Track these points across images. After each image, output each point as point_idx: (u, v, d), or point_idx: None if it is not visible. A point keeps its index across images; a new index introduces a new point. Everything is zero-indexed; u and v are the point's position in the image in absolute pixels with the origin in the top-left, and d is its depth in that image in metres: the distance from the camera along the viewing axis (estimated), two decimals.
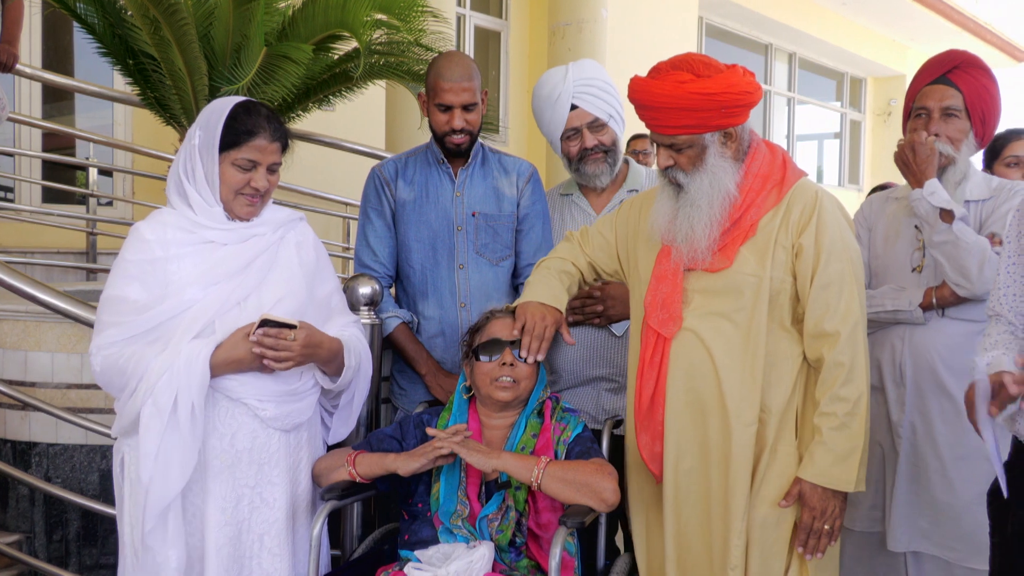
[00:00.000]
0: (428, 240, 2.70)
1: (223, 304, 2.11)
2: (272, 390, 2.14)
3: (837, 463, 2.04)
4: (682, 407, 2.16)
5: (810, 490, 2.07)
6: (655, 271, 2.23)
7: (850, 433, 2.05)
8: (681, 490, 2.18)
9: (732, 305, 2.13)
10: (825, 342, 2.07)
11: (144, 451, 2.03)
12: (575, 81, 2.64)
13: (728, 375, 2.12)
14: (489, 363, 2.27)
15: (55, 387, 3.05)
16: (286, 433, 2.20)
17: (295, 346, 2.07)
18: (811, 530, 2.08)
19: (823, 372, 2.08)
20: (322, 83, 4.26)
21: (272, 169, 2.20)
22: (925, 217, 2.41)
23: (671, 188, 2.18)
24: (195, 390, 2.03)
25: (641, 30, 9.00)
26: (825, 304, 2.08)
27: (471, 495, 2.21)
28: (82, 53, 6.53)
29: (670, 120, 2.11)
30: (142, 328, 2.08)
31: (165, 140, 5.28)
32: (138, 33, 3.63)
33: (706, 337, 2.14)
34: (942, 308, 2.45)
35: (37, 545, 3.05)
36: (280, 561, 2.17)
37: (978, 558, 2.39)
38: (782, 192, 2.16)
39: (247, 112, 2.17)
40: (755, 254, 2.13)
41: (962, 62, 2.52)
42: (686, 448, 2.17)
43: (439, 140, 2.68)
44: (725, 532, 2.12)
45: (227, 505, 2.12)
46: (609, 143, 2.67)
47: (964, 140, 2.49)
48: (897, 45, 14.48)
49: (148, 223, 2.18)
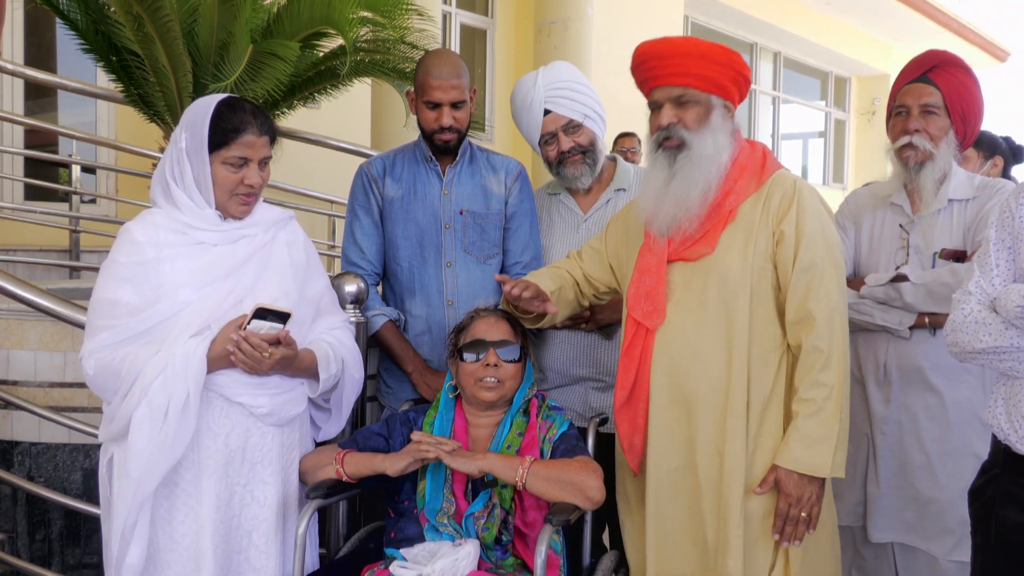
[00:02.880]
0: (416, 238, 2.69)
1: (219, 305, 2.10)
2: (263, 381, 2.13)
3: (811, 448, 2.04)
4: (666, 402, 2.17)
5: (785, 476, 2.07)
6: (638, 264, 2.24)
7: (825, 418, 2.04)
8: (663, 488, 2.18)
9: (716, 295, 2.14)
10: (804, 326, 2.08)
11: (136, 449, 2.01)
12: (546, 86, 2.63)
13: (715, 366, 2.12)
14: (473, 363, 2.26)
15: (37, 386, 3.03)
16: (280, 431, 2.20)
17: (266, 364, 2.07)
18: (787, 517, 2.07)
19: (801, 358, 2.09)
20: (307, 80, 4.25)
21: (263, 164, 2.19)
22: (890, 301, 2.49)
23: (665, 156, 2.17)
24: (192, 386, 2.02)
25: (627, 28, 9.01)
26: (806, 286, 2.09)
27: (457, 493, 2.21)
28: (65, 49, 6.49)
29: (684, 66, 2.12)
30: (135, 331, 2.06)
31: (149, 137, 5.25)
32: (121, 30, 3.61)
33: (690, 330, 2.15)
34: (934, 328, 2.47)
35: (20, 545, 3.03)
36: (268, 558, 2.16)
37: (962, 551, 2.42)
38: (761, 180, 2.18)
39: (232, 109, 2.14)
40: (737, 240, 2.14)
41: (941, 61, 2.55)
42: (670, 446, 2.17)
43: (427, 138, 2.68)
44: (720, 525, 2.12)
45: (220, 503, 2.11)
46: (586, 143, 2.66)
47: (944, 138, 2.51)
48: (881, 45, 14.56)
49: (139, 224, 2.15)
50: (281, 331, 2.07)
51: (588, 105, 2.66)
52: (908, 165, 2.52)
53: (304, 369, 2.19)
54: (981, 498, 1.85)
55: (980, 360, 1.76)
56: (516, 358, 2.29)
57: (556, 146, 2.65)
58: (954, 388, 2.46)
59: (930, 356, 2.47)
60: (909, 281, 2.44)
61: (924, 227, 2.53)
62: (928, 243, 2.52)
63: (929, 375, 2.48)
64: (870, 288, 2.50)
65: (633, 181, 2.76)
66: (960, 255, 2.45)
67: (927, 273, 2.45)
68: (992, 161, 3.73)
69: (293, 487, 2.26)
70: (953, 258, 2.46)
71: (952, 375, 2.46)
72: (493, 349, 2.26)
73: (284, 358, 2.09)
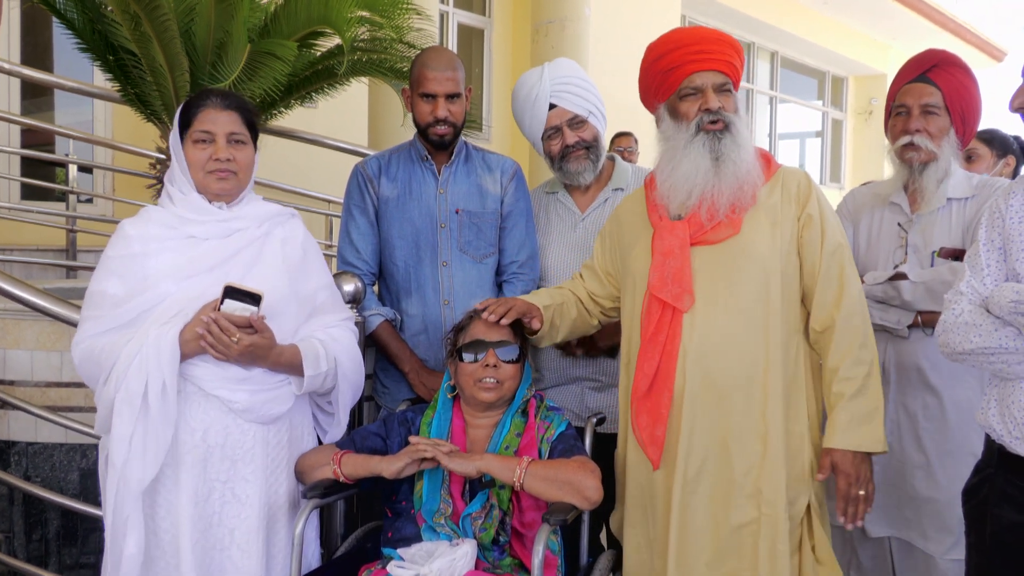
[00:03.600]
0: (411, 237, 2.69)
1: (198, 297, 2.11)
2: (245, 376, 2.12)
3: (863, 425, 2.07)
4: (698, 389, 2.13)
5: (841, 457, 2.08)
6: (656, 246, 2.20)
7: (871, 394, 2.09)
8: (689, 482, 2.13)
9: (749, 276, 2.13)
10: (837, 307, 2.11)
11: (117, 435, 2.03)
12: (552, 80, 2.64)
13: (751, 349, 2.11)
14: (472, 364, 2.26)
15: (34, 385, 3.02)
16: (264, 429, 2.17)
17: (234, 349, 2.05)
18: (849, 497, 2.09)
19: (837, 337, 2.10)
20: (305, 80, 4.24)
21: (234, 140, 2.20)
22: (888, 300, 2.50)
23: (709, 139, 2.16)
24: (165, 369, 2.03)
25: (624, 28, 9.01)
26: (839, 267, 2.13)
27: (454, 493, 2.21)
28: (61, 49, 6.48)
29: (725, 54, 2.18)
30: (118, 322, 2.10)
31: (146, 137, 5.24)
32: (118, 29, 3.60)
33: (721, 313, 2.13)
34: (932, 327, 2.47)
35: (16, 545, 3.03)
36: (249, 559, 2.14)
37: (960, 550, 2.41)
38: (771, 171, 2.22)
39: (199, 94, 2.25)
40: (762, 223, 2.16)
41: (941, 61, 2.55)
42: (703, 434, 2.12)
43: (423, 133, 2.67)
44: (764, 511, 2.09)
45: (199, 499, 2.11)
46: (590, 139, 2.66)
47: (945, 137, 2.51)
48: (878, 44, 14.57)
49: (133, 219, 2.21)
50: (252, 314, 2.05)
51: (592, 102, 2.66)
52: (911, 165, 2.53)
53: (285, 364, 2.16)
54: (975, 497, 1.85)
55: (971, 361, 1.76)
56: (515, 358, 2.28)
57: (560, 140, 2.65)
58: (953, 388, 2.46)
59: (929, 356, 2.47)
60: (908, 279, 2.44)
61: (923, 226, 2.54)
62: (927, 242, 2.52)
63: (928, 375, 2.48)
64: (868, 287, 2.50)
65: (631, 181, 2.76)
66: (959, 254, 2.45)
67: (927, 271, 2.45)
68: (1005, 160, 3.74)
69: (282, 487, 2.23)
70: (952, 257, 2.46)
71: (951, 375, 2.46)
72: (492, 350, 2.25)
73: (253, 345, 2.07)
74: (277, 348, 2.13)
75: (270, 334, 2.10)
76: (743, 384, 2.11)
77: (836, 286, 2.13)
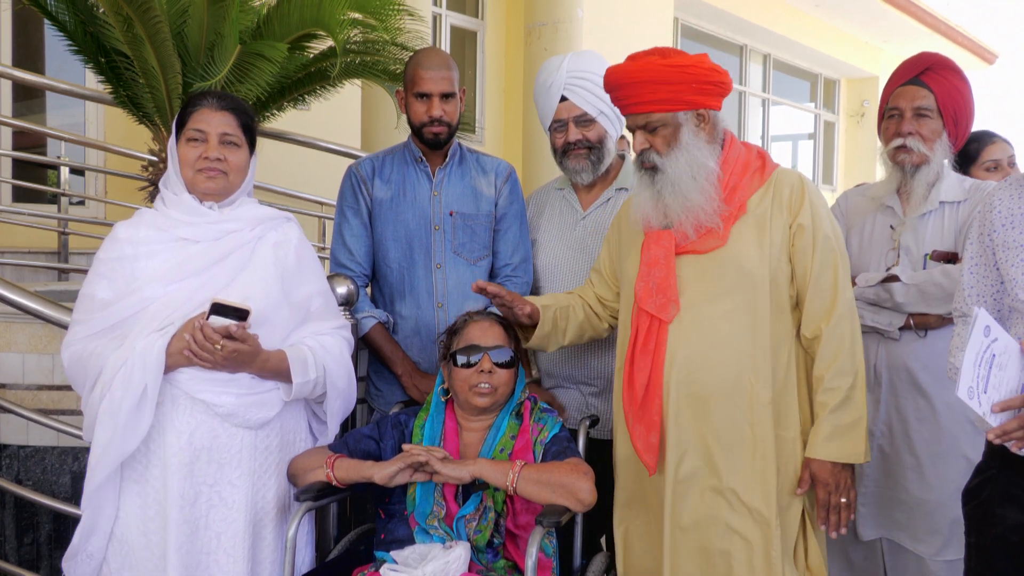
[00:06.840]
0: (405, 239, 2.68)
1: (187, 301, 2.10)
2: (230, 380, 2.11)
3: (844, 436, 2.07)
4: (684, 397, 2.14)
5: (819, 467, 2.09)
6: (644, 257, 2.21)
7: (853, 405, 2.09)
8: (679, 487, 2.15)
9: (735, 286, 2.13)
10: (825, 316, 2.11)
11: (95, 442, 2.06)
12: (568, 72, 2.60)
13: (739, 356, 2.11)
14: (467, 369, 2.25)
15: (26, 388, 3.01)
16: (251, 433, 2.16)
17: (217, 355, 2.05)
18: (830, 506, 2.10)
19: (823, 347, 2.11)
20: (297, 82, 4.24)
21: (227, 141, 2.20)
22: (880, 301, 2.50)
23: (647, 175, 2.19)
24: (150, 379, 2.03)
25: (617, 30, 9.01)
26: (830, 277, 2.13)
27: (448, 496, 2.20)
28: (53, 51, 6.45)
29: (643, 95, 2.13)
30: (104, 325, 2.11)
31: (138, 139, 5.23)
32: (110, 31, 3.60)
33: (707, 322, 2.13)
34: (924, 330, 2.48)
35: (7, 548, 3.01)
36: (235, 563, 2.13)
37: (950, 550, 2.43)
38: (764, 176, 2.20)
39: (197, 95, 2.26)
40: (750, 233, 2.15)
41: (934, 64, 2.56)
42: (690, 440, 2.14)
43: (417, 133, 2.67)
44: (755, 518, 2.10)
45: (185, 503, 2.10)
46: (594, 140, 2.63)
47: (937, 140, 2.52)
48: (870, 47, 14.61)
49: (125, 222, 2.22)
50: (233, 325, 2.04)
51: (605, 102, 2.61)
52: (904, 167, 2.53)
53: (271, 370, 2.15)
54: (976, 498, 1.85)
55: None
56: (510, 363, 2.28)
57: (564, 135, 2.64)
58: (944, 390, 2.46)
59: (920, 358, 2.48)
60: (900, 281, 2.44)
61: (915, 229, 2.54)
62: (919, 245, 2.52)
63: (919, 377, 2.48)
64: (860, 288, 2.51)
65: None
66: (951, 257, 2.46)
67: (919, 273, 2.45)
68: None
69: (271, 492, 2.22)
70: (944, 260, 2.47)
71: (942, 377, 2.45)
72: (488, 355, 2.25)
73: (237, 351, 2.06)
74: (263, 354, 2.12)
75: (253, 341, 2.09)
76: (728, 392, 2.12)
77: (825, 296, 2.13)
